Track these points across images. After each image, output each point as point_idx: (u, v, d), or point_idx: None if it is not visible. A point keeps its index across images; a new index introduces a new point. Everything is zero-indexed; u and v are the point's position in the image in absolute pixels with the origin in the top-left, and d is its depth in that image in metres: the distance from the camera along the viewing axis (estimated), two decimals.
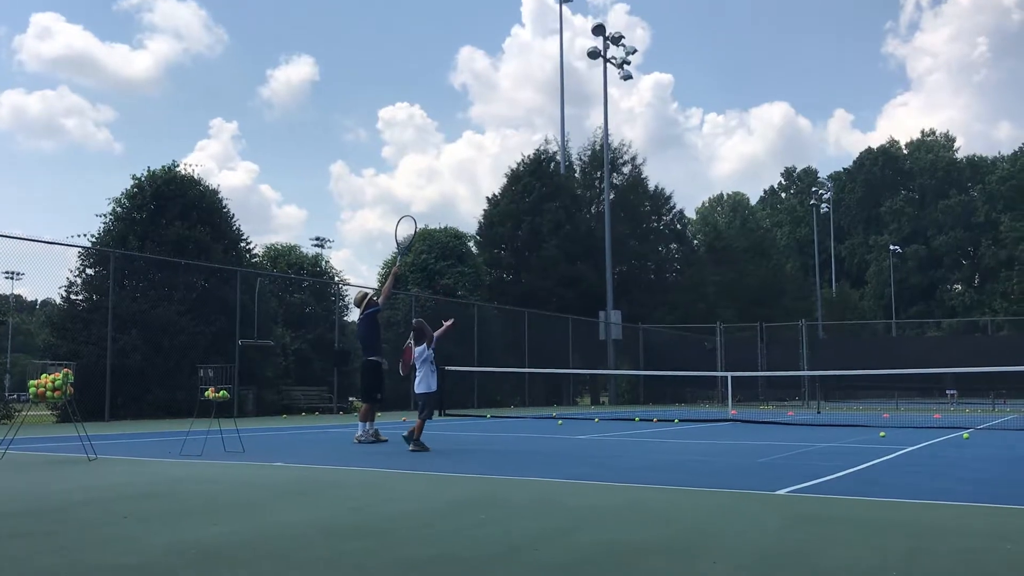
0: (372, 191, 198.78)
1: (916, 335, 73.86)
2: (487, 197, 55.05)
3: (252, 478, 9.69)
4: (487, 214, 54.95)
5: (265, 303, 28.73)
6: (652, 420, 22.52)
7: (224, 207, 28.85)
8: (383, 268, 45.51)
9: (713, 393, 45.16)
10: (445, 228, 44.52)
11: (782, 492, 8.73)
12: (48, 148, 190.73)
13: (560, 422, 21.04)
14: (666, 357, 46.86)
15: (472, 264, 44.40)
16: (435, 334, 13.38)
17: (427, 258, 42.75)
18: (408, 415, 25.42)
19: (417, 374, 13.25)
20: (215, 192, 28.90)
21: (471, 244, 47.60)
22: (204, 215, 28.17)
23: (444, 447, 13.81)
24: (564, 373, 41.27)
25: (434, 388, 13.18)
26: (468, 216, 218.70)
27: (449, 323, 13.96)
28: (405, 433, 13.52)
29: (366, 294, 15.47)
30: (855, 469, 10.91)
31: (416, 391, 13.28)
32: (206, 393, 12.32)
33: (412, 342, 13.31)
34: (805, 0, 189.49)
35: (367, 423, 14.74)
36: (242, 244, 29.74)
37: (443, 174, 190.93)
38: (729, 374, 26.91)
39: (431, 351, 13.13)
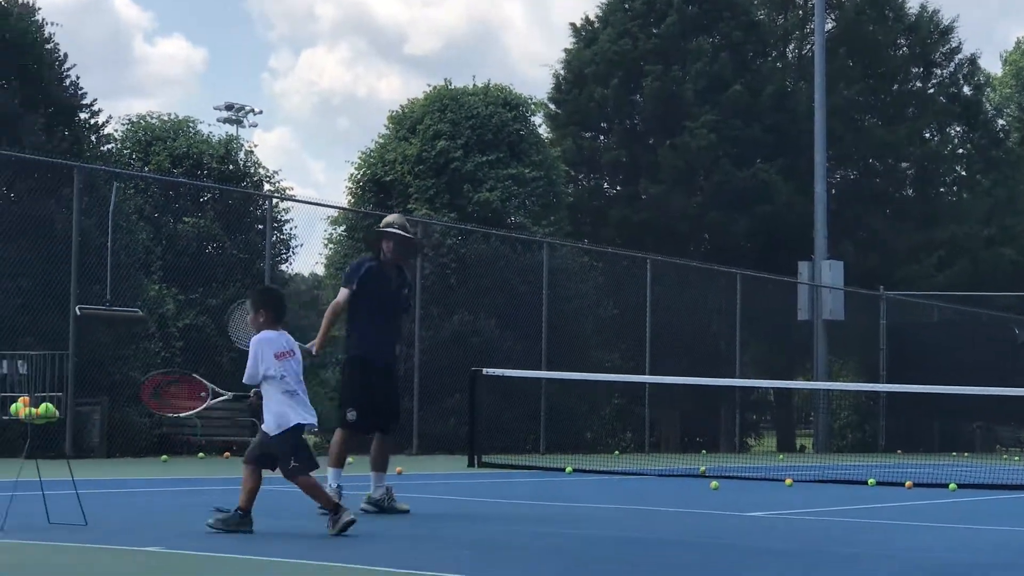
0: (331, 11, 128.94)
1: None
2: (571, 25, 36.94)
3: None
4: (570, 60, 36.20)
5: (127, 232, 21.00)
6: (904, 484, 15.07)
7: (49, 41, 21.40)
8: (360, 171, 28.12)
9: None
10: (486, 87, 28.51)
11: None
12: None
13: (715, 484, 14.98)
14: (933, 358, 31.35)
15: (539, 161, 28.59)
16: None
17: (447, 146, 26.96)
18: (406, 462, 18.15)
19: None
20: (29, 14, 20.86)
21: (536, 120, 31.11)
22: (7, 57, 20.29)
23: (480, 534, 9.18)
24: (724, 386, 27.56)
25: (295, 420, 8.25)
26: (529, 65, 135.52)
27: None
28: (365, 501, 9.99)
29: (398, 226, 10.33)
30: None
31: (264, 428, 8.60)
32: (12, 409, 9.33)
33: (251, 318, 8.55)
34: None
35: (338, 469, 10.23)
36: (83, 115, 21.88)
37: None
38: None
39: (285, 334, 8.43)
